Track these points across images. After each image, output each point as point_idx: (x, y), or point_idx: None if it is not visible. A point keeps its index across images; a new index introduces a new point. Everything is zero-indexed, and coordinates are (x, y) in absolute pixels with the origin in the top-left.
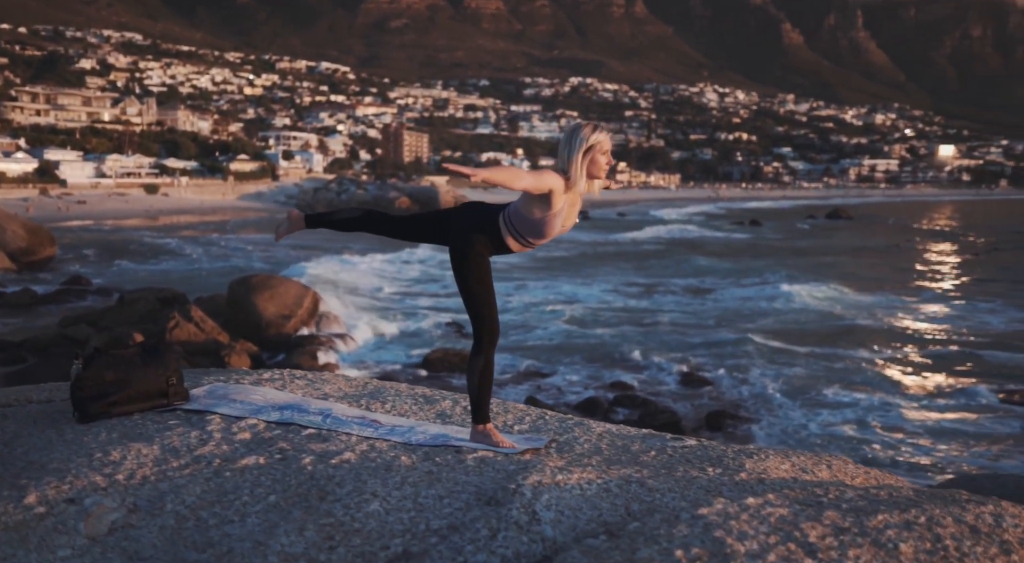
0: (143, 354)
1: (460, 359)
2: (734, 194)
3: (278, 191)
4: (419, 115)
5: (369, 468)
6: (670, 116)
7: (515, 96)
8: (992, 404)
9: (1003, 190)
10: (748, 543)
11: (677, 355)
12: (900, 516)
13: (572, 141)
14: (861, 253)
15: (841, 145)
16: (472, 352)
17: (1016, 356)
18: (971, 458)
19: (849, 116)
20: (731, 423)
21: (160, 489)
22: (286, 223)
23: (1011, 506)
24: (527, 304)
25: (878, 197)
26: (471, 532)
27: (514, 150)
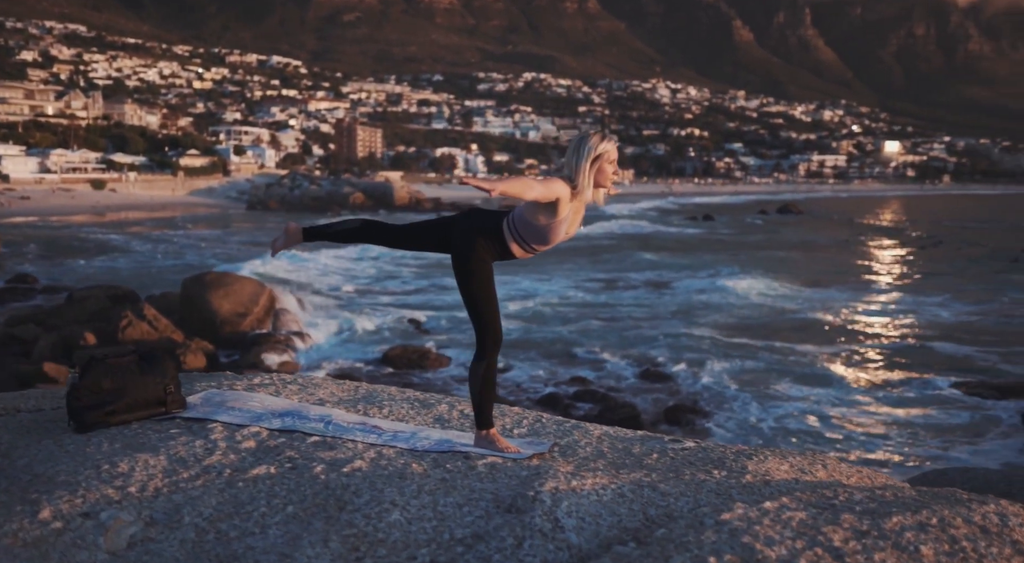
0: (140, 362)
1: (420, 355)
2: (687, 189)
3: (229, 186)
4: (372, 110)
5: (382, 476)
6: (623, 112)
7: (469, 91)
8: (943, 395)
9: (946, 185)
10: (777, 549)
11: (634, 350)
12: (913, 518)
13: (580, 150)
14: (812, 248)
15: (791, 141)
16: (475, 358)
17: (964, 348)
18: (924, 449)
19: (798, 112)
20: (689, 417)
21: (175, 501)
22: (283, 237)
23: (1008, 504)
24: (506, 299)
25: (827, 192)
26: (496, 541)
27: (468, 145)
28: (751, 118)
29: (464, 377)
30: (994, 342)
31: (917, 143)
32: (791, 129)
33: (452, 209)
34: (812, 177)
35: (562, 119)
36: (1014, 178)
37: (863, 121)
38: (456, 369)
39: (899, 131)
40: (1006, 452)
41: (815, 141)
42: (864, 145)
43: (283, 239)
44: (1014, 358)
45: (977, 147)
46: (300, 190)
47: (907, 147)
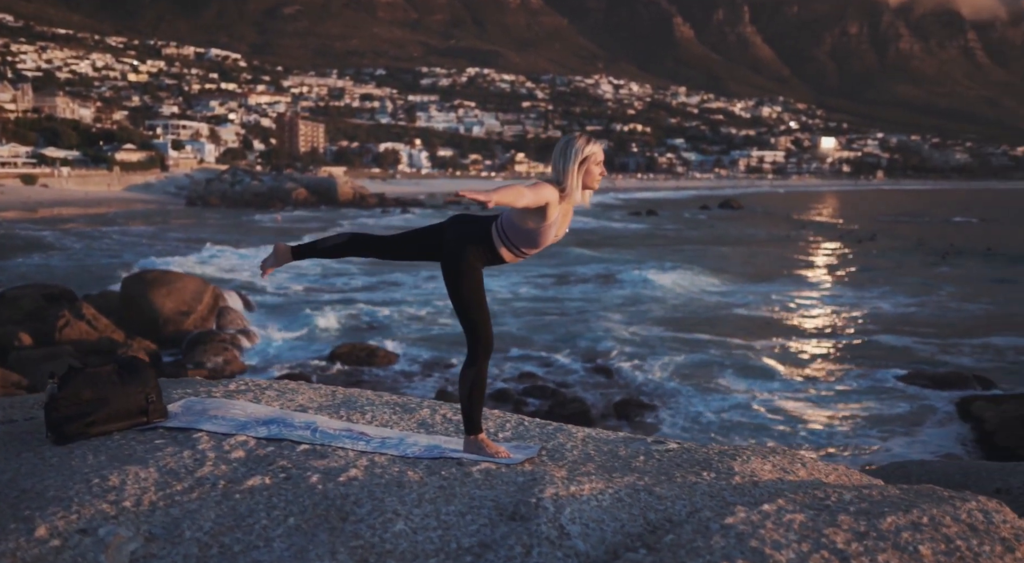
0: (120, 371)
1: (368, 353)
2: (630, 184)
3: (168, 182)
4: (314, 104)
5: (380, 485)
6: (567, 107)
7: (412, 86)
8: (884, 387)
9: (879, 180)
10: (785, 552)
11: (582, 345)
12: (905, 518)
13: (567, 153)
14: (753, 243)
15: (731, 137)
16: (465, 363)
17: (904, 340)
18: (865, 440)
19: (738, 109)
20: (638, 411)
21: (172, 515)
22: (272, 257)
23: (986, 500)
24: (441, 295)
25: (766, 187)
26: (505, 549)
27: (412, 140)
28: (692, 114)
29: (413, 372)
30: (932, 334)
31: (852, 139)
32: (731, 125)
33: (396, 204)
34: (752, 172)
35: (506, 114)
36: (943, 174)
37: (800, 118)
38: (405, 364)
39: (835, 128)
40: (942, 441)
41: (754, 137)
42: (801, 141)
43: (272, 259)
44: (951, 349)
45: (908, 143)
46: (241, 186)
47: (842, 143)
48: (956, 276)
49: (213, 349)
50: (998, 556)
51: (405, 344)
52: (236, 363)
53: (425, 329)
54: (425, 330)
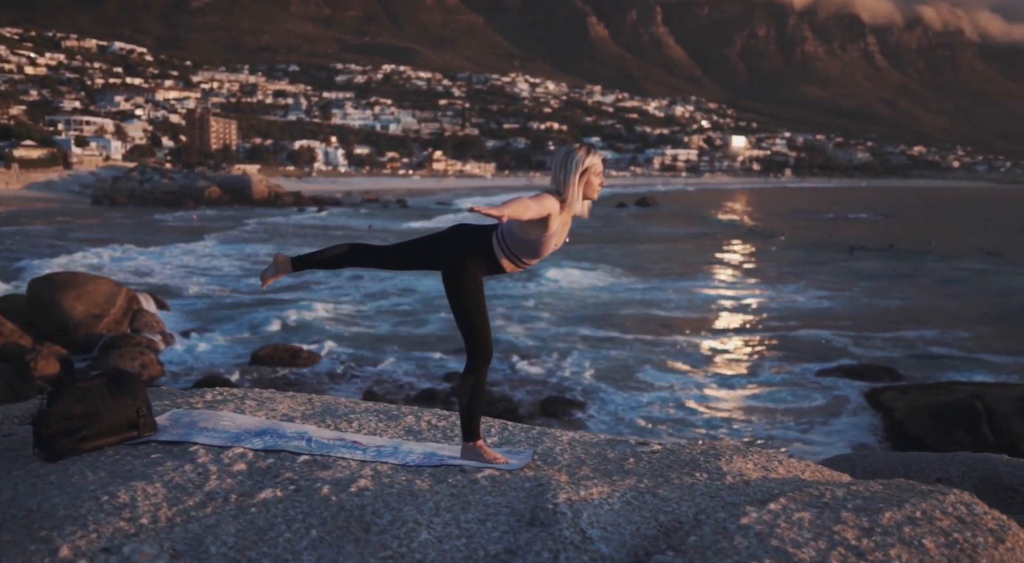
0: (110, 384)
1: (291, 354)
2: (547, 182)
3: (71, 180)
4: (225, 101)
5: (392, 494)
6: (483, 105)
7: (327, 82)
8: (800, 379)
9: (788, 178)
10: (805, 550)
11: (505, 343)
12: (901, 513)
13: (568, 164)
14: (670, 240)
15: (645, 135)
16: (465, 371)
17: (820, 333)
18: (785, 432)
19: (652, 108)
20: (564, 409)
21: (192, 531)
22: (272, 268)
23: (960, 492)
24: (364, 295)
25: (680, 185)
26: (532, 555)
27: (328, 138)
28: (607, 113)
29: (338, 373)
30: (846, 327)
31: (761, 138)
32: (645, 124)
33: (313, 203)
34: (666, 171)
35: (423, 112)
36: (846, 172)
37: (712, 117)
38: (329, 364)
39: (745, 127)
40: (855, 431)
41: (668, 136)
42: (713, 140)
43: (272, 269)
44: (863, 342)
45: (814, 143)
46: (151, 183)
47: (752, 142)
48: (864, 271)
49: (129, 353)
50: (991, 547)
51: (328, 344)
52: (154, 367)
53: (348, 329)
54: (348, 330)
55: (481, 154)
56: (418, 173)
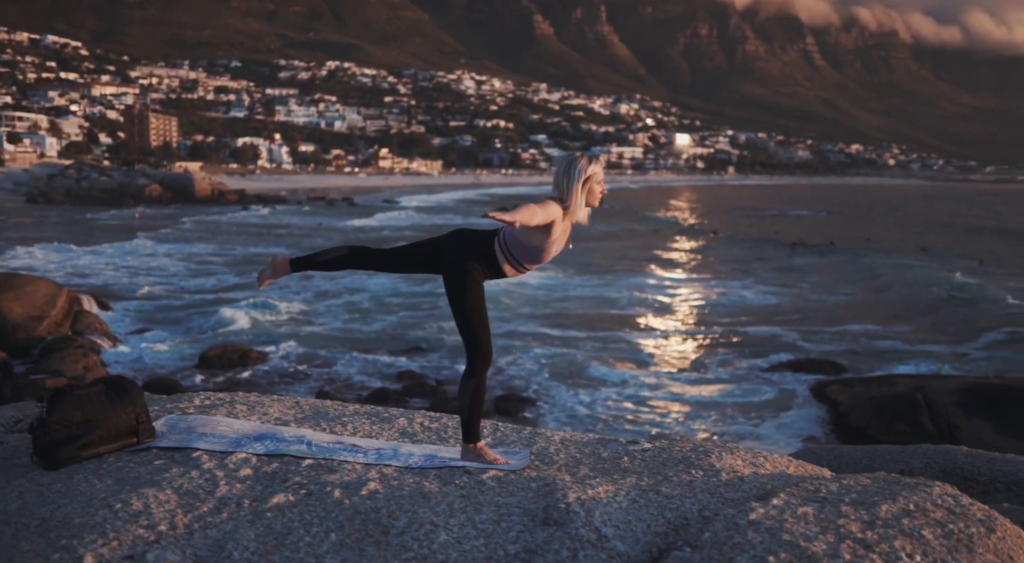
0: (108, 391)
1: (240, 354)
2: (494, 180)
3: (4, 177)
4: (165, 97)
5: (403, 497)
6: (429, 102)
7: (270, 79)
8: (750, 374)
9: (731, 176)
10: (817, 544)
11: (456, 342)
12: (895, 505)
13: (571, 173)
14: (618, 237)
15: (591, 133)
16: (465, 374)
17: (768, 329)
18: (737, 426)
19: (597, 106)
20: (518, 406)
21: (212, 537)
22: (270, 269)
23: (941, 484)
24: (315, 294)
25: (626, 183)
26: (552, 554)
27: (272, 135)
28: (553, 110)
29: (289, 372)
30: (794, 322)
31: (705, 136)
32: (591, 122)
33: (258, 201)
34: (612, 168)
35: (368, 109)
36: (787, 169)
37: (656, 115)
38: (279, 364)
39: (689, 125)
40: (803, 423)
41: (613, 134)
42: (658, 138)
43: (270, 271)
44: (810, 337)
45: (756, 141)
46: (88, 181)
47: (696, 140)
48: (807, 267)
49: (71, 356)
50: (984, 537)
51: (278, 344)
52: (98, 370)
53: (298, 328)
54: (298, 329)
55: (428, 152)
56: (364, 171)
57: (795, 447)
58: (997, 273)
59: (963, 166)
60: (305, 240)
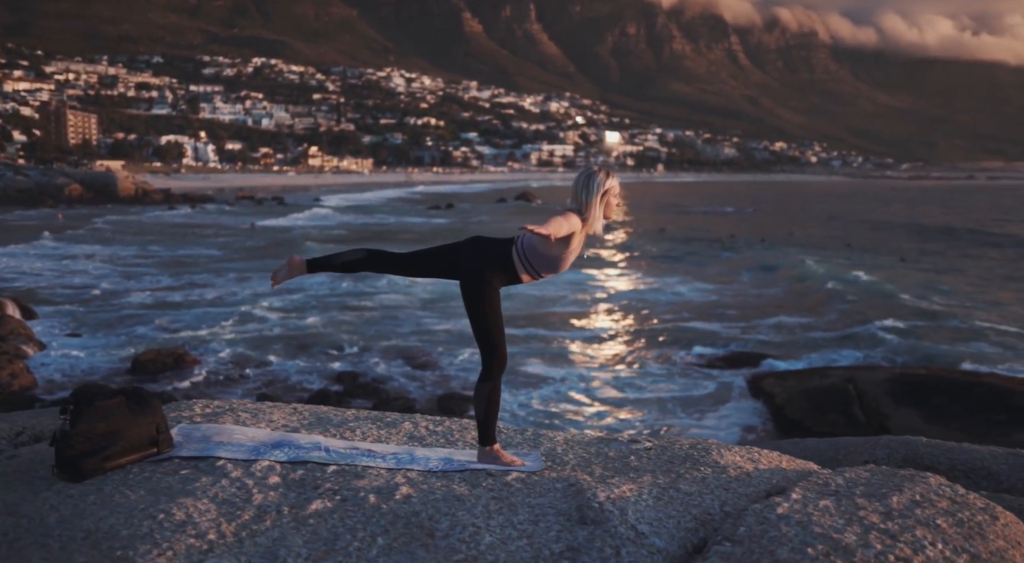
0: (129, 402)
1: (175, 358)
2: (426, 178)
3: None
4: (83, 93)
5: (437, 500)
6: (359, 100)
7: (194, 75)
8: (689, 368)
9: (660, 173)
10: (847, 535)
11: (396, 342)
12: (904, 497)
13: (590, 186)
14: None
15: (522, 131)
16: (481, 378)
17: (705, 323)
18: (679, 420)
19: (527, 104)
20: (461, 405)
21: (262, 544)
22: (285, 269)
23: (931, 475)
24: (251, 295)
25: (558, 181)
26: (596, 552)
27: (196, 133)
28: (484, 108)
29: (227, 375)
30: (731, 317)
31: (634, 134)
32: (522, 120)
33: (185, 201)
34: (543, 166)
35: (296, 106)
36: (714, 167)
37: (586, 113)
38: (215, 367)
39: (618, 123)
40: (741, 416)
41: (544, 131)
42: (588, 136)
43: (285, 271)
44: (751, 331)
45: (684, 138)
46: (3, 181)
47: (626, 138)
48: (739, 262)
49: None
50: (991, 524)
51: (213, 345)
52: (25, 377)
53: (233, 328)
54: (233, 329)
55: (358, 150)
56: (293, 169)
57: (734, 439)
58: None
59: (881, 163)
60: (236, 241)
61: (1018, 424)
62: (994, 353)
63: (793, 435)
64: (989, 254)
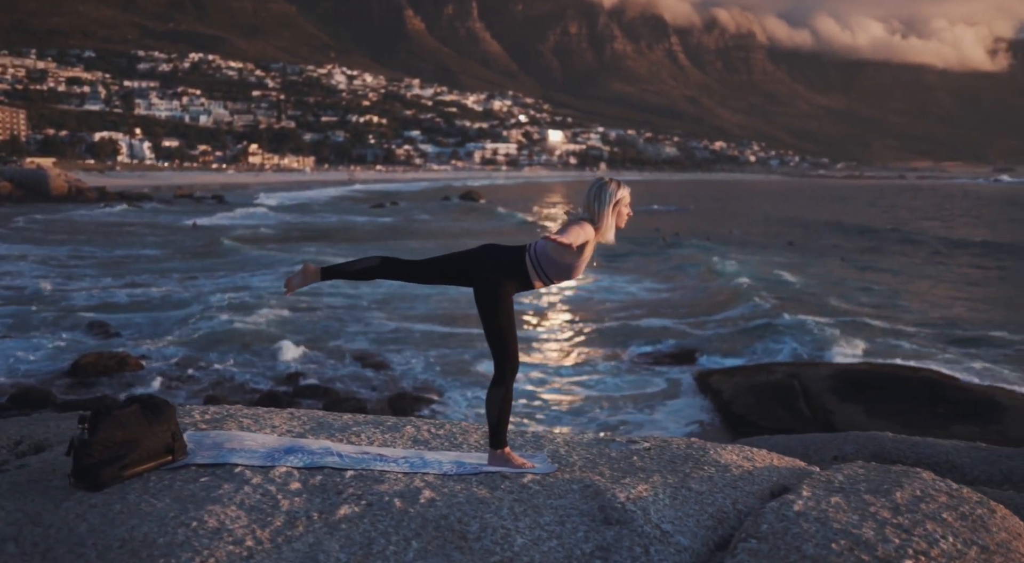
0: (144, 410)
1: (117, 361)
2: (369, 176)
3: None
4: (10, 87)
5: (461, 503)
6: (299, 97)
7: (128, 70)
8: (640, 366)
9: (603, 172)
10: (865, 530)
11: (344, 342)
12: (906, 492)
13: (602, 197)
14: (500, 233)
15: (465, 129)
16: (494, 382)
17: (657, 321)
18: (631, 416)
19: (470, 102)
20: (413, 405)
21: (299, 550)
22: (300, 275)
23: (921, 469)
24: (195, 295)
25: (502, 179)
26: (626, 551)
27: (132, 129)
28: (427, 106)
29: (172, 377)
30: (679, 314)
31: (577, 133)
32: (465, 118)
33: (121, 199)
34: (487, 164)
35: (235, 103)
36: (656, 165)
37: (529, 112)
38: (159, 367)
39: (561, 122)
40: (689, 411)
41: (488, 130)
42: (531, 134)
43: (300, 277)
44: (701, 326)
45: (626, 137)
46: None
47: (569, 137)
48: (686, 259)
49: None
50: (991, 516)
51: (156, 346)
52: None
53: (178, 331)
54: (178, 332)
55: (299, 147)
56: (233, 167)
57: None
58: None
59: (817, 163)
60: (177, 240)
61: (955, 417)
62: (912, 351)
63: (741, 430)
64: (918, 253)
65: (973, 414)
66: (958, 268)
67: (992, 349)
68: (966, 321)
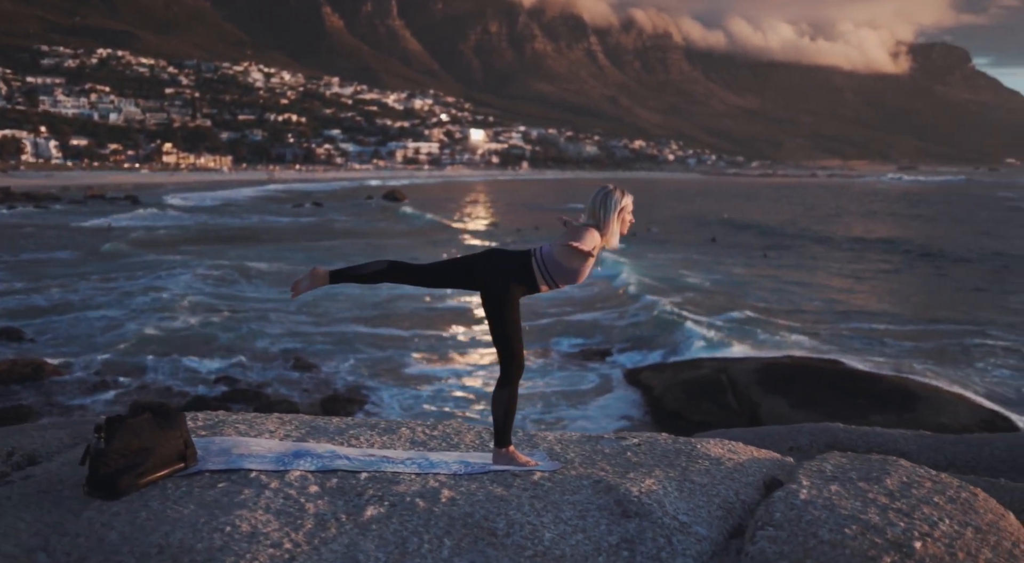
0: (156, 418)
1: (34, 368)
2: (288, 176)
3: None
4: None
5: (481, 502)
6: (215, 95)
7: (31, 66)
8: (571, 362)
9: (525, 171)
10: (871, 515)
11: (270, 344)
12: (895, 479)
13: (607, 204)
14: (428, 233)
15: (386, 128)
16: (499, 384)
17: (587, 315)
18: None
19: (391, 100)
20: (345, 407)
21: (337, 551)
22: (307, 279)
23: (901, 460)
24: (116, 298)
25: (424, 178)
26: (651, 542)
27: (36, 128)
28: (347, 105)
29: (94, 383)
30: (607, 308)
31: (498, 132)
32: (386, 117)
33: (27, 200)
34: (409, 163)
35: (147, 101)
36: (577, 164)
37: (450, 110)
38: (82, 375)
39: (482, 121)
40: (624, 406)
41: (409, 129)
42: (453, 133)
43: (308, 281)
44: (628, 323)
45: (547, 136)
46: None
47: (490, 136)
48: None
49: None
50: (974, 499)
51: (77, 353)
52: None
53: (98, 334)
54: (100, 336)
55: (216, 146)
56: (147, 166)
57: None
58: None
59: (732, 161)
60: (91, 242)
61: (874, 407)
62: (821, 347)
63: (671, 425)
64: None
65: (890, 403)
66: (866, 263)
67: (898, 342)
68: (873, 315)
